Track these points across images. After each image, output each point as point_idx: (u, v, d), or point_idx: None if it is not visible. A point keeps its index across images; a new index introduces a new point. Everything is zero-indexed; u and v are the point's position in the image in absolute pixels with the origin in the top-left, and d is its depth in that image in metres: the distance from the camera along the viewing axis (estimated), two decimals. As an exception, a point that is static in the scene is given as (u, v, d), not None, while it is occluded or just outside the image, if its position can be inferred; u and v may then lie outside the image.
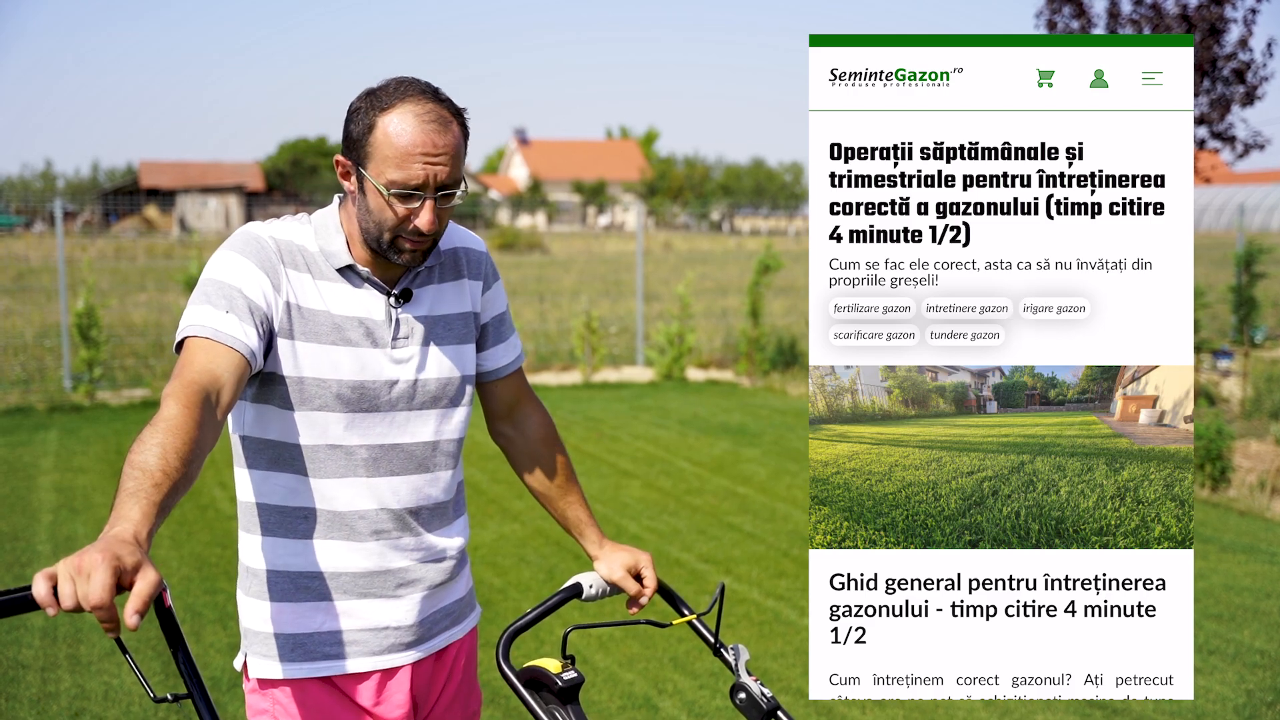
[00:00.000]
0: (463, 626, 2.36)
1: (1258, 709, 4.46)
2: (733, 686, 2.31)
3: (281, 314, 2.08)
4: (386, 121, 2.04)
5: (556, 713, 2.23)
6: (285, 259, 2.11)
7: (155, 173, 59.59)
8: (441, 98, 2.10)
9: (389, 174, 2.04)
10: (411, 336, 2.19)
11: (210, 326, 2.00)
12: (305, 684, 2.17)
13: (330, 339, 2.11)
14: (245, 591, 2.21)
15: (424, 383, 2.20)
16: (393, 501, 2.19)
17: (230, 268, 2.07)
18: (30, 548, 6.51)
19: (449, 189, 2.08)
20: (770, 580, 6.02)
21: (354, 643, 2.19)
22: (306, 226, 2.18)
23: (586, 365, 13.48)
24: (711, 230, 51.80)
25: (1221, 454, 7.97)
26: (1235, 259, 11.48)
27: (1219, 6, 9.61)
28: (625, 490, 7.94)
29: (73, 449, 9.19)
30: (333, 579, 2.17)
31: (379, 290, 2.17)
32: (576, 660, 4.93)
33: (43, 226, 38.00)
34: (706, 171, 78.60)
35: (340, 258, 2.14)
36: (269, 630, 2.17)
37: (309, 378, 2.10)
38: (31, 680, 4.68)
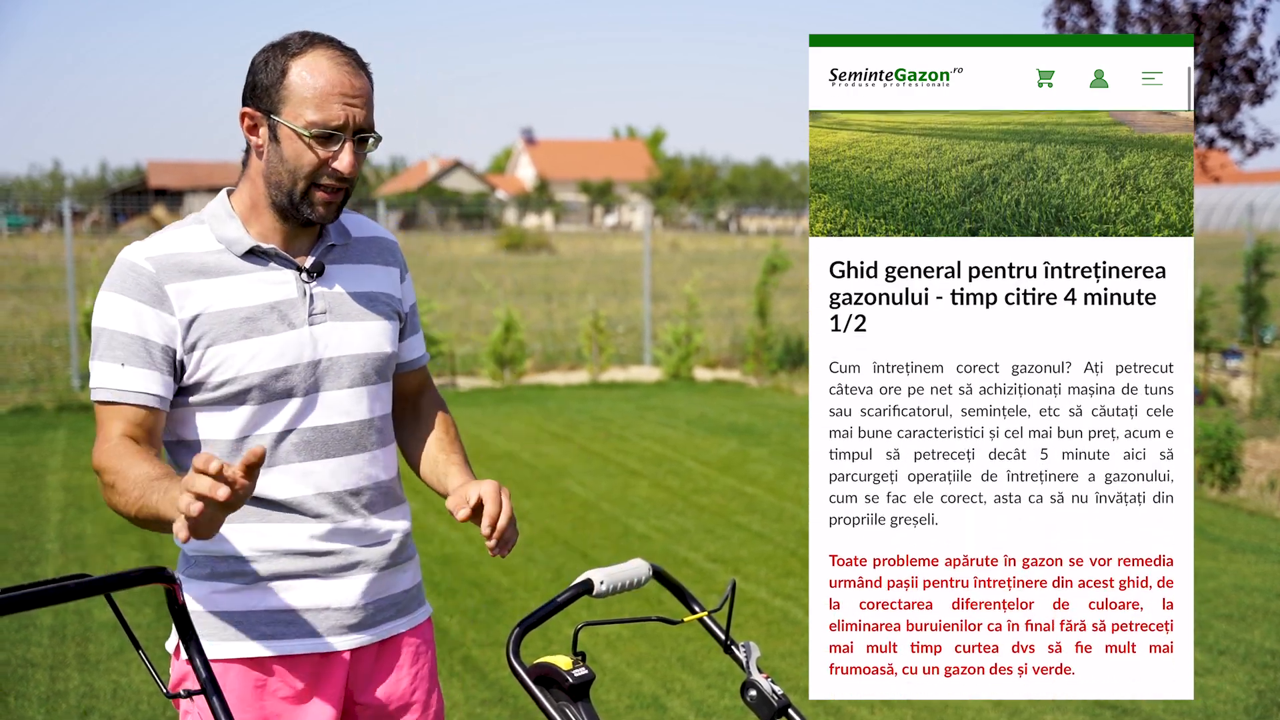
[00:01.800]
0: (409, 619, 2.29)
1: (1269, 710, 4.44)
2: (744, 684, 2.31)
3: (182, 332, 2.05)
4: (300, 65, 2.03)
5: (567, 709, 2.22)
6: (168, 277, 2.05)
7: (163, 172, 59.73)
8: (348, 47, 2.10)
9: (307, 115, 2.02)
10: (330, 312, 2.15)
11: (113, 388, 2.02)
12: (234, 665, 2.11)
13: (242, 333, 2.07)
14: (182, 573, 2.15)
15: (350, 359, 2.15)
16: (331, 484, 2.14)
17: (114, 312, 2.04)
18: (39, 546, 6.52)
19: (364, 133, 2.07)
20: (778, 579, 6.01)
21: (291, 623, 2.13)
22: (197, 226, 2.13)
23: (594, 365, 13.49)
24: (718, 230, 51.79)
25: (1231, 454, 7.94)
26: (1244, 258, 11.45)
27: (1228, 5, 9.59)
28: (633, 490, 7.93)
29: (81, 448, 9.21)
30: (271, 559, 2.12)
31: (289, 267, 2.13)
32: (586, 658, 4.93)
33: (51, 226, 38.07)
34: (713, 171, 78.63)
35: (242, 243, 2.10)
36: (201, 609, 2.11)
37: (227, 378, 2.07)
38: (40, 679, 4.68)
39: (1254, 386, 10.89)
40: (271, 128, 2.05)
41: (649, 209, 15.20)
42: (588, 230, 54.32)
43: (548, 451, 9.18)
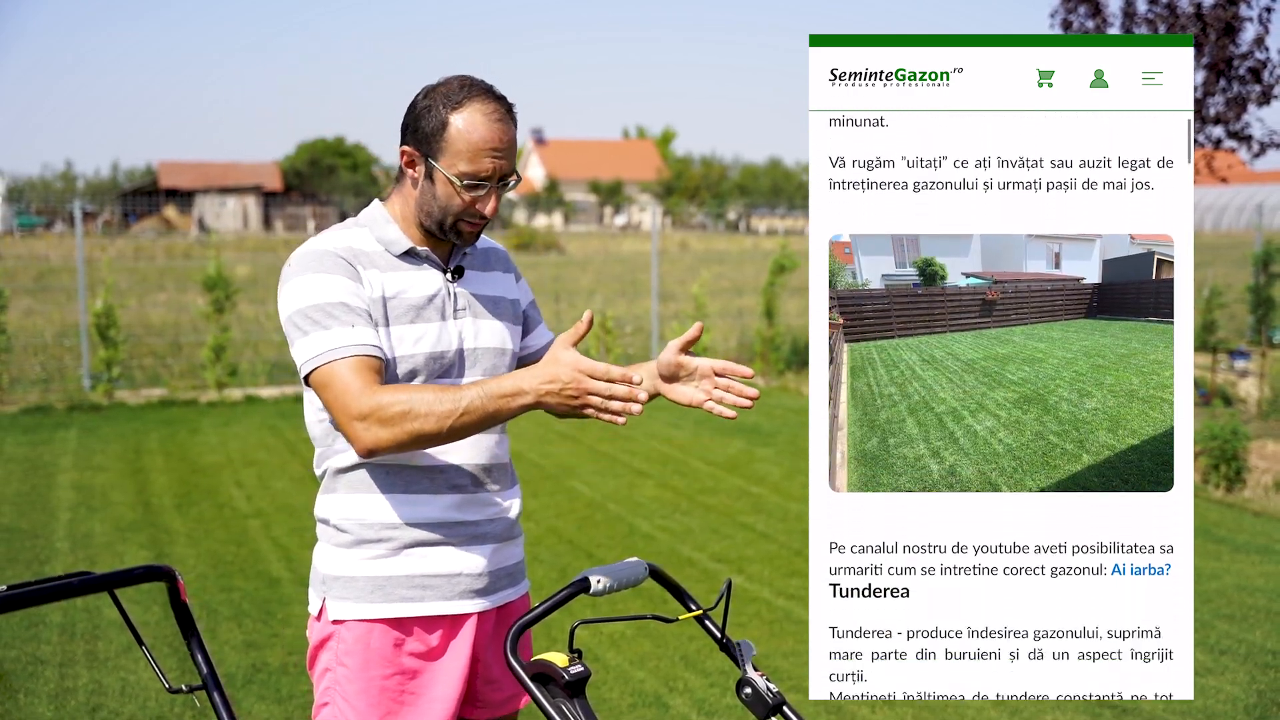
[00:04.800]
0: (519, 588, 2.54)
1: (1268, 709, 4.45)
2: (739, 681, 2.34)
3: (377, 308, 2.31)
4: (458, 119, 2.28)
5: (564, 706, 2.25)
6: (358, 262, 2.32)
7: (174, 173, 59.87)
8: (499, 95, 2.33)
9: (461, 167, 2.28)
10: (468, 309, 2.43)
11: (354, 344, 2.23)
12: (374, 625, 2.34)
13: (409, 319, 2.34)
14: (330, 543, 2.39)
15: (484, 351, 2.43)
16: (470, 457, 2.39)
17: (326, 288, 2.27)
18: (49, 545, 6.57)
19: (507, 178, 2.33)
20: (782, 579, 6.04)
21: (428, 588, 2.37)
22: (357, 229, 2.39)
23: (601, 365, 13.49)
24: (728, 230, 51.76)
25: (1237, 454, 7.94)
26: (1253, 259, 11.43)
27: (1234, 5, 9.57)
28: (639, 490, 7.96)
29: (92, 448, 9.27)
30: (413, 528, 2.36)
31: (436, 268, 2.41)
32: (586, 657, 4.96)
33: (63, 227, 38.21)
34: (723, 171, 78.52)
35: (400, 244, 2.37)
36: (351, 574, 2.35)
37: (400, 355, 2.32)
38: (50, 676, 4.73)
39: (1262, 387, 10.87)
40: (429, 170, 2.32)
41: (658, 209, 15.23)
42: (597, 230, 54.31)
43: (554, 451, 9.21)
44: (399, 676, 2.36)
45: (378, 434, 2.17)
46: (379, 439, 2.17)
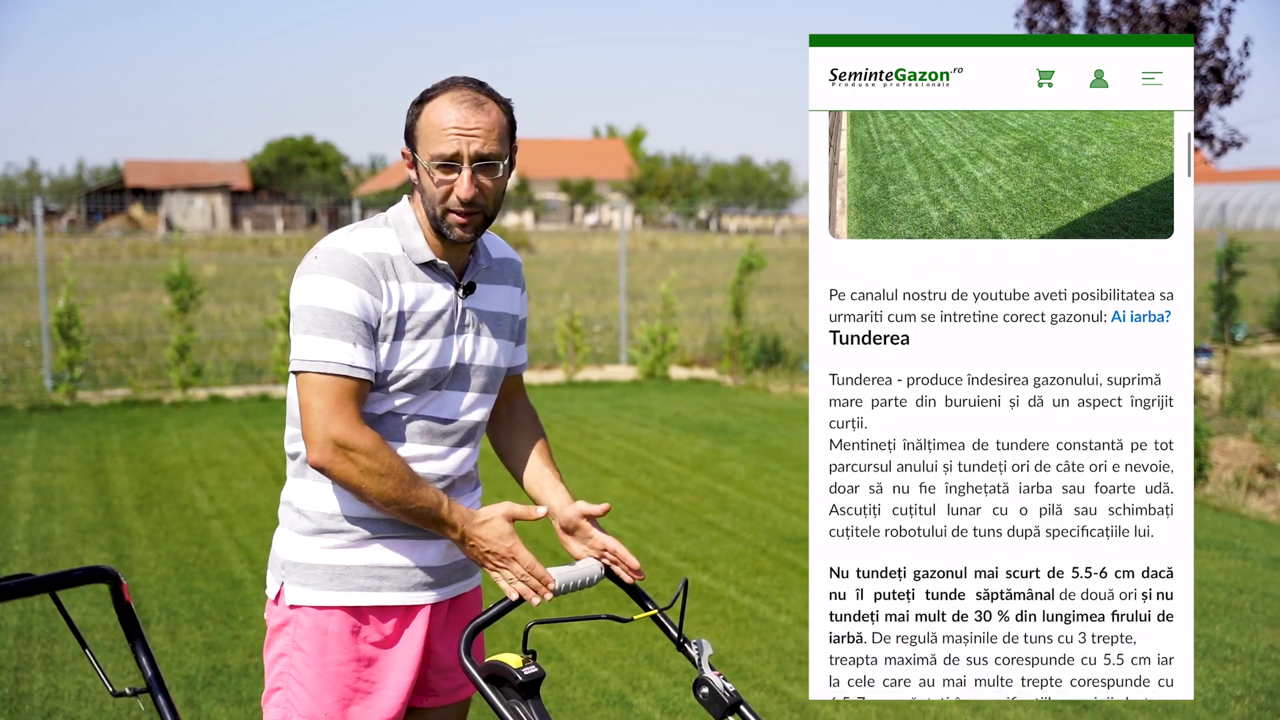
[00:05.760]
0: (472, 580, 2.60)
1: (1226, 702, 4.49)
2: (696, 681, 2.33)
3: (387, 322, 2.34)
4: (429, 108, 2.33)
5: (518, 707, 2.24)
6: (381, 273, 2.35)
7: (140, 172, 59.38)
8: (479, 84, 2.37)
9: (430, 150, 2.31)
10: (470, 325, 2.47)
11: (347, 364, 2.29)
12: (333, 612, 2.39)
13: (419, 332, 2.38)
14: (291, 528, 2.44)
15: (479, 368, 2.49)
16: (438, 470, 2.45)
17: (339, 294, 2.30)
18: (6, 547, 6.49)
19: (485, 160, 2.32)
20: (747, 578, 6.03)
21: (385, 578, 2.42)
22: (385, 229, 2.41)
23: (569, 364, 13.49)
24: (699, 229, 51.82)
25: (1199, 451, 8.01)
26: (1216, 257, 11.53)
27: (1195, 5, 9.65)
28: (605, 488, 7.95)
29: (52, 449, 9.16)
30: (374, 523, 2.40)
31: (449, 282, 2.43)
32: (550, 657, 4.94)
33: (27, 225, 37.80)
34: (694, 170, 78.59)
35: (423, 253, 2.39)
36: (310, 561, 2.40)
37: (403, 369, 2.37)
38: (4, 680, 4.66)
39: (1224, 384, 10.98)
40: (415, 164, 2.37)
41: (627, 208, 15.22)
42: (568, 229, 54.27)
43: (521, 451, 9.17)
44: (355, 663, 2.41)
45: (343, 466, 2.26)
46: (338, 470, 2.27)
